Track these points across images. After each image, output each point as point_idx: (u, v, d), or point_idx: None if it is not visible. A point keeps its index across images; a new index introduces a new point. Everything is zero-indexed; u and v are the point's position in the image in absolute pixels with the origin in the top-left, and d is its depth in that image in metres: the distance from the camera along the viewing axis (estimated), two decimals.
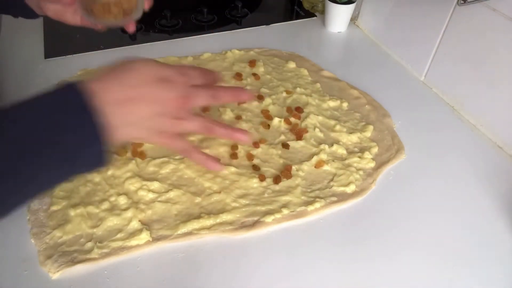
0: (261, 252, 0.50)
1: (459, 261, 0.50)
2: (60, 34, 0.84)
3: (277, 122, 0.66)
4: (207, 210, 0.53)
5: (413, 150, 0.63)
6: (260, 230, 0.52)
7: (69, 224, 0.50)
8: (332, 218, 0.54)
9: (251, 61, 0.78)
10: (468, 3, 0.61)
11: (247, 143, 0.59)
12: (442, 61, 0.72)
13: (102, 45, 0.81)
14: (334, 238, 0.51)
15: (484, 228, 0.54)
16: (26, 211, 0.51)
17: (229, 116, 0.66)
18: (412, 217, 0.54)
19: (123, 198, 0.53)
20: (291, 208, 0.54)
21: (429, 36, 0.73)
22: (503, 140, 0.64)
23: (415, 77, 0.78)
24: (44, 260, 0.46)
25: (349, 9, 0.86)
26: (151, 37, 0.85)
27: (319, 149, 0.61)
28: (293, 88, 0.72)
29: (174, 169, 0.57)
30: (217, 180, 0.56)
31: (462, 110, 0.70)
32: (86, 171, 0.40)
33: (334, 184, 0.57)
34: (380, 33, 0.86)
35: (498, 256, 0.51)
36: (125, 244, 0.49)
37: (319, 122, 0.66)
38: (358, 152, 0.62)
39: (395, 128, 0.67)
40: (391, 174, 0.60)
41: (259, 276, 0.47)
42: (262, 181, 0.57)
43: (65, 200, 0.52)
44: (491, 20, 0.61)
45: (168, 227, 0.51)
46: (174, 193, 0.54)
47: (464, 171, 0.61)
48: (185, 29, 0.88)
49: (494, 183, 0.59)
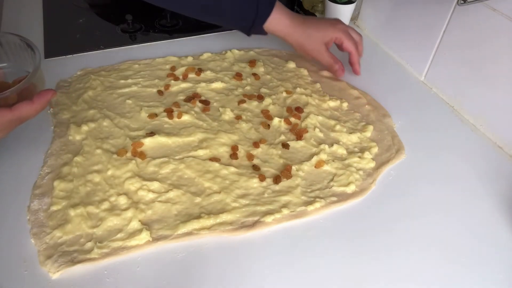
0: (261, 252, 0.50)
1: (459, 260, 0.50)
2: (60, 34, 0.84)
3: (277, 122, 0.66)
4: (207, 210, 0.53)
5: (413, 150, 0.63)
6: (260, 230, 0.52)
7: (69, 224, 0.50)
8: (332, 218, 0.54)
9: (251, 61, 0.78)
10: (468, 3, 0.60)
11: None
12: (442, 61, 0.72)
13: (102, 45, 0.81)
14: (334, 238, 0.51)
15: (484, 227, 0.54)
16: (26, 211, 0.51)
17: (229, 116, 0.66)
18: (412, 217, 0.54)
19: (123, 198, 0.53)
20: (291, 208, 0.54)
21: (429, 36, 0.73)
22: (503, 140, 0.64)
23: (415, 77, 0.78)
24: (44, 260, 0.46)
25: (349, 9, 0.86)
26: (151, 37, 0.85)
27: (319, 149, 0.61)
28: (293, 88, 0.73)
29: (174, 169, 0.57)
30: (217, 180, 0.56)
31: (462, 110, 0.70)
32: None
33: (334, 184, 0.57)
34: (380, 33, 0.86)
35: (498, 256, 0.51)
36: (125, 244, 0.49)
37: (319, 122, 0.66)
38: (358, 152, 0.62)
39: (395, 128, 0.67)
40: (391, 174, 0.60)
41: (259, 276, 0.47)
42: (262, 181, 0.57)
43: (65, 200, 0.52)
44: (491, 20, 0.61)
45: (168, 227, 0.51)
46: (174, 193, 0.54)
47: (464, 171, 0.61)
48: (185, 29, 0.88)
49: (494, 183, 0.59)
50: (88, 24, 0.88)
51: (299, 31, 0.70)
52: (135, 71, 0.74)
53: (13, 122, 0.47)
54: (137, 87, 0.70)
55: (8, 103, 0.47)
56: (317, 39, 0.70)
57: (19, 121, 0.48)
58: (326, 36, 0.71)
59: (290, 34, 0.70)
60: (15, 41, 0.53)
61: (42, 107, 0.49)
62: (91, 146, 0.59)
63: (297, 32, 0.70)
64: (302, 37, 0.70)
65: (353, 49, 0.72)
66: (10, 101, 0.48)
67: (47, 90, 0.49)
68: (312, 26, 0.71)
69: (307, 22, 0.71)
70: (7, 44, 0.54)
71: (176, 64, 0.76)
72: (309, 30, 0.70)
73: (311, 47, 0.71)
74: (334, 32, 0.70)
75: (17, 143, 0.60)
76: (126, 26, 0.86)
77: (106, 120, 0.63)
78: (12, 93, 0.47)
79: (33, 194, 0.53)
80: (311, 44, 0.71)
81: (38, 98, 0.48)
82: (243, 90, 0.72)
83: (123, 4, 0.95)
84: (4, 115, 0.46)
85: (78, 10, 0.92)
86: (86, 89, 0.69)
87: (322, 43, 0.71)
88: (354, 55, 0.73)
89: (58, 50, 0.79)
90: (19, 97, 0.49)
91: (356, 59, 0.74)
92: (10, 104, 0.47)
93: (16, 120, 0.47)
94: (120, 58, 0.77)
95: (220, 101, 0.69)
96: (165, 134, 0.62)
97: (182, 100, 0.69)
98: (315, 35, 0.70)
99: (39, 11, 0.90)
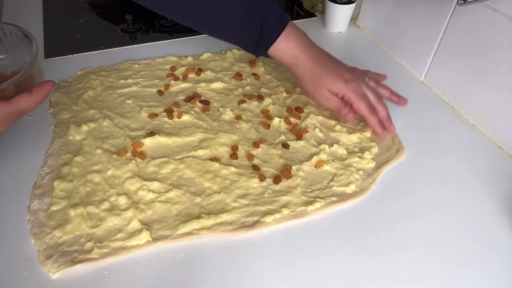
0: (261, 252, 0.50)
1: (459, 260, 0.50)
2: (60, 34, 0.84)
3: (277, 122, 0.66)
4: (207, 210, 0.53)
5: (413, 150, 0.63)
6: (260, 230, 0.52)
7: (69, 224, 0.50)
8: (332, 218, 0.54)
9: (251, 61, 0.78)
10: (468, 3, 0.60)
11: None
12: (442, 61, 0.72)
13: (102, 45, 0.81)
14: (334, 238, 0.51)
15: (484, 227, 0.54)
16: (26, 211, 0.51)
17: (229, 116, 0.66)
18: (412, 217, 0.54)
19: (123, 198, 0.53)
20: (291, 208, 0.54)
21: (429, 36, 0.73)
22: (503, 140, 0.64)
23: (415, 77, 0.78)
24: (44, 260, 0.46)
25: (349, 9, 0.86)
26: (151, 37, 0.85)
27: (319, 149, 0.61)
28: (293, 88, 0.72)
29: (174, 169, 0.57)
30: (217, 180, 0.56)
31: (462, 110, 0.70)
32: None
33: (334, 184, 0.57)
34: (380, 33, 0.86)
35: (498, 256, 0.51)
36: (125, 244, 0.49)
37: (319, 122, 0.66)
38: (358, 152, 0.62)
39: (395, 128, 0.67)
40: (391, 174, 0.60)
41: (259, 276, 0.47)
42: (262, 181, 0.57)
43: (65, 200, 0.52)
44: (491, 20, 0.61)
45: (168, 227, 0.51)
46: (174, 193, 0.54)
47: (464, 171, 0.61)
48: (185, 29, 0.87)
49: (494, 183, 0.59)
50: (88, 24, 0.88)
51: (307, 66, 0.62)
52: (135, 71, 0.74)
53: (12, 115, 0.46)
54: (137, 87, 0.70)
55: (6, 95, 0.46)
56: (323, 83, 0.62)
57: (18, 114, 0.46)
58: (332, 87, 0.62)
59: (296, 65, 0.63)
60: (11, 31, 0.51)
61: (41, 99, 0.47)
62: (91, 146, 0.59)
63: (304, 67, 0.62)
64: (307, 73, 0.63)
65: (366, 111, 0.61)
66: (8, 93, 0.46)
67: (46, 81, 0.47)
68: (322, 66, 0.62)
69: (321, 60, 0.62)
70: (4, 35, 0.51)
71: (176, 64, 0.76)
72: (318, 69, 0.62)
73: (313, 89, 0.63)
74: (341, 89, 0.61)
75: (17, 143, 0.60)
76: (126, 26, 0.86)
77: (106, 120, 0.63)
78: (10, 85, 0.45)
79: (33, 194, 0.53)
80: (315, 86, 0.63)
81: (37, 90, 0.46)
82: (243, 90, 0.72)
83: (123, 4, 0.95)
84: (2, 108, 0.45)
85: (78, 10, 0.92)
86: (86, 89, 0.69)
87: (327, 89, 0.62)
88: (368, 118, 0.62)
89: (58, 50, 0.79)
90: (18, 89, 0.47)
91: (372, 122, 0.62)
92: (8, 97, 0.45)
93: (14, 113, 0.46)
94: (120, 58, 0.77)
95: (220, 101, 0.69)
96: (165, 134, 0.62)
97: (182, 100, 0.69)
98: (323, 78, 0.62)
99: (39, 11, 0.90)
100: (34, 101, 0.46)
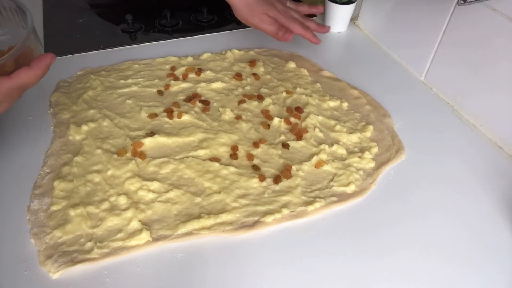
0: (261, 252, 0.50)
1: (459, 261, 0.50)
2: (60, 34, 0.84)
3: (277, 122, 0.66)
4: (207, 210, 0.53)
5: (413, 150, 0.63)
6: (260, 230, 0.52)
7: (69, 224, 0.50)
8: (332, 218, 0.54)
9: (251, 61, 0.78)
10: (468, 3, 0.61)
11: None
12: (442, 61, 0.72)
13: (102, 45, 0.81)
14: (334, 238, 0.51)
15: (484, 227, 0.54)
16: (26, 211, 0.51)
17: (229, 116, 0.66)
18: (412, 217, 0.54)
19: (123, 198, 0.53)
20: (291, 208, 0.54)
21: (429, 36, 0.73)
22: (503, 140, 0.64)
23: (415, 77, 0.78)
24: (44, 260, 0.46)
25: (349, 9, 0.86)
26: (151, 37, 0.85)
27: (319, 149, 0.61)
28: (293, 88, 0.73)
29: (174, 169, 0.57)
30: (217, 180, 0.56)
31: (462, 110, 0.70)
32: None
33: (334, 184, 0.57)
34: (380, 33, 0.86)
35: (498, 256, 0.51)
36: (125, 244, 0.49)
37: (319, 122, 0.66)
38: (358, 152, 0.62)
39: (395, 128, 0.67)
40: (391, 174, 0.60)
41: (259, 276, 0.47)
42: (262, 181, 0.57)
43: (65, 200, 0.52)
44: (491, 20, 0.61)
45: (168, 227, 0.51)
46: (174, 193, 0.54)
47: (464, 171, 0.61)
48: (185, 29, 0.88)
49: (494, 183, 0.59)
50: (88, 24, 0.88)
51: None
52: (135, 71, 0.74)
53: (14, 91, 0.45)
54: (137, 87, 0.70)
55: (6, 70, 0.45)
56: (260, 9, 0.69)
57: (20, 89, 0.45)
58: (269, 12, 0.70)
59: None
60: (4, 5, 0.49)
61: (42, 72, 0.46)
62: (91, 146, 0.59)
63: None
64: (242, 1, 0.69)
65: (300, 30, 0.70)
66: (7, 68, 0.45)
67: (46, 54, 0.46)
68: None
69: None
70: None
71: (176, 64, 0.76)
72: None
73: (251, 15, 0.70)
74: (275, 14, 0.70)
75: (17, 143, 0.60)
76: (126, 26, 0.86)
77: (106, 120, 0.63)
78: (8, 59, 0.44)
79: (33, 194, 0.53)
80: (252, 12, 0.69)
81: (37, 63, 0.45)
82: (243, 90, 0.72)
83: (123, 4, 0.95)
84: (3, 83, 0.43)
85: (78, 10, 0.92)
86: (86, 89, 0.69)
87: (263, 13, 0.69)
88: (304, 34, 0.71)
89: (58, 50, 0.79)
90: (17, 65, 0.45)
91: (309, 36, 0.71)
92: (8, 72, 0.44)
93: (16, 88, 0.45)
94: (120, 58, 0.77)
95: (220, 101, 0.69)
96: (165, 134, 0.62)
97: (182, 100, 0.69)
98: (259, 4, 0.69)
99: (39, 11, 0.90)
100: (35, 74, 0.45)
